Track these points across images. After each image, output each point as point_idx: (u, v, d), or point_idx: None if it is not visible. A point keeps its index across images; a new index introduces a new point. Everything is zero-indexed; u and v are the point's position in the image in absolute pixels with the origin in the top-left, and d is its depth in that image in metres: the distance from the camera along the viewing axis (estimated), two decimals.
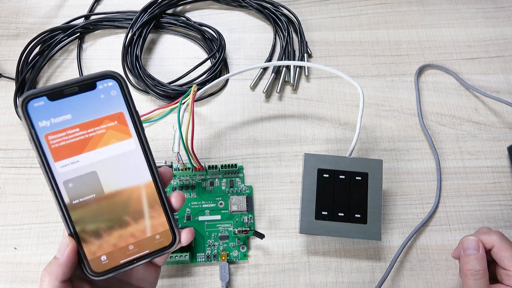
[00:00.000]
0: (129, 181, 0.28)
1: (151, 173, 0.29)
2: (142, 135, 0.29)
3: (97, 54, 0.54)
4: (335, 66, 0.53)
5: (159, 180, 0.29)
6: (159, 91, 0.49)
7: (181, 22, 0.55)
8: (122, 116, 0.28)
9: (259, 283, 0.41)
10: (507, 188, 0.46)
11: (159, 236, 0.29)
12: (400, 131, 0.49)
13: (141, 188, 0.29)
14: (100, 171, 0.28)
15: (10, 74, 0.52)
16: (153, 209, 0.29)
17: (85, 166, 0.27)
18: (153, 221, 0.29)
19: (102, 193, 0.28)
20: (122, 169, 0.28)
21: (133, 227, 0.29)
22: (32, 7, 0.57)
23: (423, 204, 0.46)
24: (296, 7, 0.58)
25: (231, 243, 0.42)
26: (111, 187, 0.28)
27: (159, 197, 0.29)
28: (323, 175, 0.41)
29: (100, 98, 0.27)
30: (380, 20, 0.57)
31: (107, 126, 0.28)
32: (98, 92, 0.27)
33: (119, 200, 0.28)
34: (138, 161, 0.29)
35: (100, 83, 0.27)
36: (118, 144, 0.28)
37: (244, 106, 0.51)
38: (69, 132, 0.27)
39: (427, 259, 0.43)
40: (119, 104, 0.28)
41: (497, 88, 0.52)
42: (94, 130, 0.27)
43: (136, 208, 0.29)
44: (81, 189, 0.27)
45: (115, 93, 0.28)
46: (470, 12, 0.58)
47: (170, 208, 0.30)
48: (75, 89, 0.27)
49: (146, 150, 0.29)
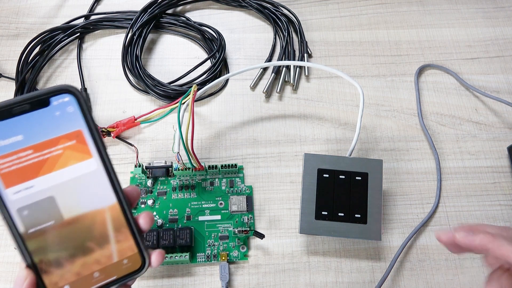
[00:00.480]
0: (91, 204, 0.26)
1: (115, 194, 0.26)
2: (104, 154, 0.26)
3: (97, 54, 0.54)
4: (335, 66, 0.53)
5: (125, 201, 0.27)
6: (159, 91, 0.49)
7: (181, 22, 0.55)
8: (81, 134, 0.25)
9: (259, 283, 0.41)
10: (507, 188, 0.46)
11: (127, 260, 0.27)
12: (400, 131, 0.49)
13: (105, 211, 0.26)
14: (59, 195, 0.25)
15: (10, 74, 0.52)
16: (120, 232, 0.27)
17: (41, 191, 0.25)
18: (120, 245, 0.27)
19: (61, 219, 0.25)
20: (83, 192, 0.26)
21: (98, 253, 0.26)
22: (32, 7, 0.57)
23: (423, 204, 0.46)
24: (296, 7, 0.58)
25: (231, 243, 0.42)
26: (72, 212, 0.25)
27: (125, 220, 0.27)
28: (323, 175, 0.41)
29: (55, 116, 0.25)
30: (380, 20, 0.57)
31: (64, 146, 0.25)
32: (53, 109, 0.24)
33: (81, 226, 0.26)
34: (100, 182, 0.26)
35: (54, 99, 0.24)
36: (77, 165, 0.25)
37: (244, 106, 0.51)
38: (21, 154, 0.24)
39: (427, 259, 0.43)
40: (76, 121, 0.25)
41: (497, 88, 0.52)
42: (49, 151, 0.25)
43: (100, 233, 0.26)
44: (38, 217, 0.25)
45: (72, 110, 0.25)
46: (470, 12, 0.58)
47: (138, 230, 0.27)
48: (26, 106, 0.24)
49: (109, 170, 0.26)
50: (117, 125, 0.47)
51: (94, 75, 0.52)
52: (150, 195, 0.44)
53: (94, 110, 0.50)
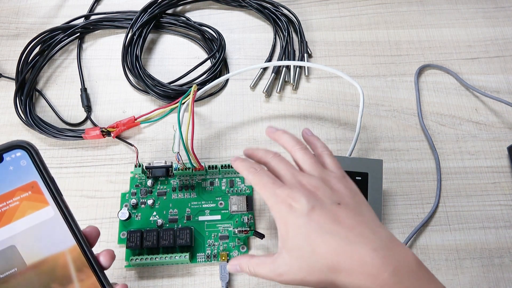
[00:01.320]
0: (52, 248, 0.27)
1: (74, 237, 0.28)
2: (60, 200, 0.27)
3: (97, 54, 0.54)
4: (335, 66, 0.53)
5: (84, 242, 0.28)
6: (159, 91, 0.49)
7: (181, 22, 0.55)
8: (36, 185, 0.27)
9: (259, 283, 0.41)
10: (507, 188, 0.46)
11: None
12: (400, 131, 0.49)
13: (65, 254, 0.27)
14: (19, 243, 0.26)
15: (10, 74, 0.52)
16: (82, 272, 0.28)
17: (1, 241, 0.26)
18: (83, 284, 0.28)
19: (24, 266, 0.26)
20: (43, 238, 0.27)
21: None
22: (32, 7, 0.57)
23: (423, 204, 0.46)
24: (296, 7, 0.58)
25: (231, 243, 0.42)
26: (34, 258, 0.27)
27: (86, 259, 0.28)
28: None
29: (9, 170, 0.26)
30: (380, 20, 0.57)
31: (21, 197, 0.26)
32: (6, 164, 0.26)
33: (44, 270, 0.27)
34: (58, 227, 0.27)
35: (7, 155, 0.26)
36: (35, 214, 0.27)
37: (244, 106, 0.51)
38: None
39: (427, 259, 0.43)
40: (30, 173, 0.27)
41: (497, 88, 0.52)
42: (6, 203, 0.26)
43: (63, 274, 0.27)
44: (1, 265, 0.26)
45: (25, 163, 0.26)
46: (470, 12, 0.58)
47: (100, 268, 0.28)
48: None
49: (66, 215, 0.27)
50: (117, 125, 0.47)
51: (94, 75, 0.52)
52: (150, 195, 0.44)
53: (94, 110, 0.50)
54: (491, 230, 0.44)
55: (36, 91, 0.51)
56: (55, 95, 0.51)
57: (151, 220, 0.43)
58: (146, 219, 0.43)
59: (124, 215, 0.42)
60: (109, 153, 0.47)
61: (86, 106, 0.49)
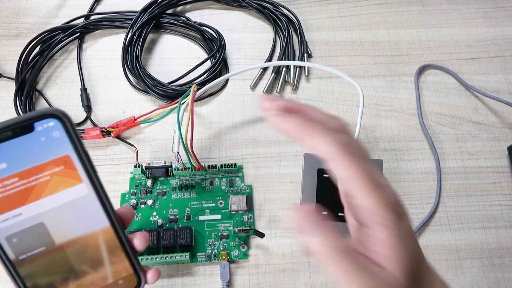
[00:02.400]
0: (83, 228, 0.26)
1: (108, 218, 0.26)
2: (95, 178, 0.25)
3: (97, 54, 0.54)
4: (335, 66, 0.53)
5: (118, 223, 0.26)
6: (159, 91, 0.49)
7: (181, 22, 0.55)
8: (69, 159, 0.24)
9: (259, 283, 0.41)
10: (507, 188, 0.46)
11: (122, 281, 0.27)
12: (400, 131, 0.49)
13: (97, 235, 0.26)
14: (49, 222, 0.25)
15: (10, 74, 0.52)
16: (114, 254, 0.26)
17: (30, 218, 0.24)
18: (114, 267, 0.26)
19: (53, 245, 0.25)
20: (74, 217, 0.25)
21: (93, 276, 0.26)
22: (32, 7, 0.57)
23: (423, 204, 0.46)
24: (296, 7, 0.58)
25: (231, 243, 0.42)
26: (63, 237, 0.25)
27: (119, 242, 0.26)
28: (323, 175, 0.41)
29: (40, 141, 0.24)
30: (380, 20, 0.57)
31: (52, 172, 0.24)
32: (37, 135, 0.24)
33: (73, 250, 0.25)
34: (92, 206, 0.26)
35: (38, 124, 0.23)
36: (67, 191, 0.25)
37: (244, 106, 0.51)
38: (6, 183, 0.24)
39: (427, 259, 0.43)
40: (64, 146, 0.24)
41: (497, 88, 0.52)
42: (36, 178, 0.24)
43: (94, 256, 0.26)
44: (28, 243, 0.25)
45: (59, 134, 0.24)
46: (470, 12, 0.58)
47: (133, 251, 0.27)
48: (8, 133, 0.23)
49: (100, 194, 0.26)
50: (117, 125, 0.47)
51: (94, 75, 0.52)
52: (150, 195, 0.44)
53: (94, 110, 0.50)
54: (491, 230, 0.44)
55: (36, 91, 0.51)
56: (55, 95, 0.51)
57: (151, 220, 0.43)
58: (146, 219, 0.43)
59: None
60: (109, 153, 0.47)
61: (86, 106, 0.49)
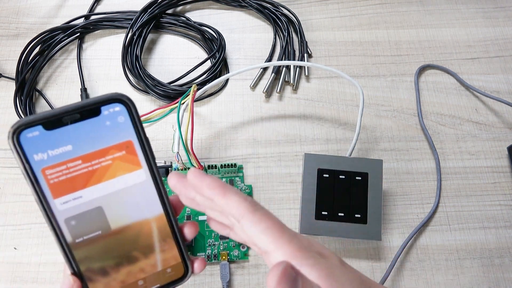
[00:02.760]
0: (138, 215, 0.26)
1: (162, 205, 0.26)
2: (153, 165, 0.25)
3: (97, 54, 0.54)
4: (335, 66, 0.53)
5: (171, 211, 0.27)
6: (159, 91, 0.49)
7: (181, 22, 0.55)
8: (131, 145, 0.25)
9: (259, 283, 0.41)
10: (507, 188, 0.46)
11: (171, 269, 0.27)
12: (400, 131, 0.49)
13: (151, 222, 0.26)
14: (107, 206, 0.25)
15: (10, 74, 0.52)
16: (165, 242, 0.27)
17: (89, 201, 0.25)
18: (164, 255, 0.27)
19: (109, 229, 0.25)
20: (131, 203, 0.25)
21: (143, 262, 0.26)
22: (32, 7, 0.57)
23: (423, 204, 0.46)
24: (296, 7, 0.58)
25: (231, 243, 0.42)
26: (119, 222, 0.25)
27: (171, 230, 0.27)
28: (323, 175, 0.41)
29: (106, 126, 0.24)
30: (380, 20, 0.57)
31: (114, 156, 0.24)
32: (103, 119, 0.24)
33: (127, 236, 0.26)
34: (148, 193, 0.26)
35: (105, 108, 0.24)
36: (126, 176, 0.25)
37: (244, 106, 0.51)
38: (70, 165, 0.24)
39: (427, 259, 0.43)
40: (127, 131, 0.24)
41: (497, 88, 0.52)
42: (99, 161, 0.24)
43: (146, 243, 0.26)
44: (85, 227, 0.25)
45: (123, 119, 0.24)
46: (470, 12, 0.58)
47: (182, 240, 0.27)
48: (76, 116, 0.23)
49: (157, 181, 0.26)
50: None
51: (94, 75, 0.52)
52: None
53: None
54: (491, 230, 0.44)
55: (36, 91, 0.51)
56: (55, 95, 0.51)
57: None
58: None
59: None
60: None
61: None
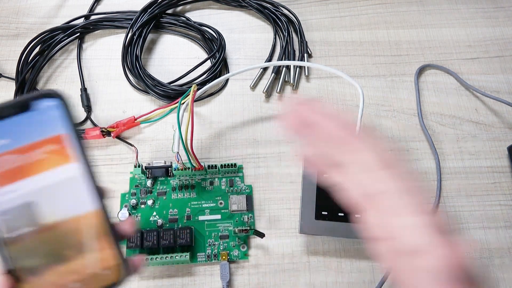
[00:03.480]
0: (72, 210, 0.25)
1: (96, 201, 0.25)
2: (87, 159, 0.25)
3: (97, 54, 0.54)
4: (335, 66, 0.53)
5: (106, 208, 0.26)
6: (159, 91, 0.49)
7: (181, 22, 0.55)
8: (63, 139, 0.25)
9: (259, 283, 0.41)
10: (507, 188, 0.46)
11: (107, 269, 0.26)
12: (400, 131, 0.49)
13: (86, 218, 0.25)
14: (38, 200, 0.24)
15: (10, 74, 0.52)
16: (100, 240, 0.25)
17: (19, 196, 0.24)
18: (100, 254, 0.26)
19: (38, 226, 0.24)
20: (64, 198, 0.25)
21: (77, 262, 0.25)
22: (32, 7, 0.57)
23: None
24: (296, 7, 0.58)
25: (231, 243, 0.42)
26: (50, 218, 0.25)
27: (106, 228, 0.26)
28: (323, 175, 0.41)
29: (37, 120, 0.24)
30: (380, 20, 0.57)
31: (46, 150, 0.24)
32: (35, 113, 0.24)
33: (60, 233, 0.25)
34: (82, 188, 0.25)
35: (39, 103, 0.24)
36: (58, 169, 0.25)
37: (244, 106, 0.51)
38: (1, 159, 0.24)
39: None
40: (59, 125, 0.25)
41: (497, 88, 0.52)
42: (30, 155, 0.24)
43: (80, 241, 0.25)
44: (16, 222, 0.24)
45: (56, 114, 0.25)
46: (470, 12, 0.58)
47: (118, 238, 0.26)
48: (10, 111, 0.24)
49: (91, 175, 0.25)
50: (117, 125, 0.47)
51: (94, 75, 0.52)
52: (150, 195, 0.44)
53: (94, 110, 0.50)
54: (491, 230, 0.44)
55: (36, 91, 0.51)
56: None
57: (151, 220, 0.43)
58: (146, 219, 0.43)
59: (124, 215, 0.42)
60: (109, 153, 0.47)
61: (86, 106, 0.49)
